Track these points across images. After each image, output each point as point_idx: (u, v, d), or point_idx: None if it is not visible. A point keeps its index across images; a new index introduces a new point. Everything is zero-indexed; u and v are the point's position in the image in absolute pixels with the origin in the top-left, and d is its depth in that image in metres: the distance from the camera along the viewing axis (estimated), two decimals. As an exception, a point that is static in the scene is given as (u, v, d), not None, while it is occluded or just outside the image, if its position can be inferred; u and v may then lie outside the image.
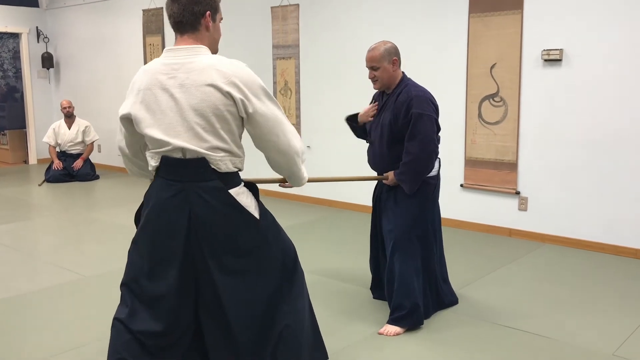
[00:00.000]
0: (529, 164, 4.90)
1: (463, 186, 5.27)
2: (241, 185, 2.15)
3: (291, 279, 2.27)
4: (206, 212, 2.05)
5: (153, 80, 2.05)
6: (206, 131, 2.01)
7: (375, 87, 3.32)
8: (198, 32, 2.10)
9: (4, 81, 9.80)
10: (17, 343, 3.11)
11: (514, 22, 4.81)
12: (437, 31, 5.29)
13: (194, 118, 2.00)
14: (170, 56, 2.06)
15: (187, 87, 2.00)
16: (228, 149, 2.06)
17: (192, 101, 1.99)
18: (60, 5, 9.47)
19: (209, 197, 2.05)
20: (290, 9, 6.34)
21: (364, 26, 5.76)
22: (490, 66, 4.98)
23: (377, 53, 3.22)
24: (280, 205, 6.31)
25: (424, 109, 3.15)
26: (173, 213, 2.07)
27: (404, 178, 3.18)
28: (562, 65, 4.64)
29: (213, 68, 2.00)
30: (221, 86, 1.97)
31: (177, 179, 2.06)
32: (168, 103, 2.02)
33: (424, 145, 3.14)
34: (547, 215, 4.86)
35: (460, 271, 4.12)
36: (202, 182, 2.04)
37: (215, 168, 2.05)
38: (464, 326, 3.25)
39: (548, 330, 3.18)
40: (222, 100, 1.99)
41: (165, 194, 2.08)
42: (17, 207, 6.47)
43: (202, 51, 2.07)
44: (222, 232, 2.08)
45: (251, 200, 2.17)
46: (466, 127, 5.18)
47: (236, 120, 2.04)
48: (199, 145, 2.01)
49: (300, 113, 6.43)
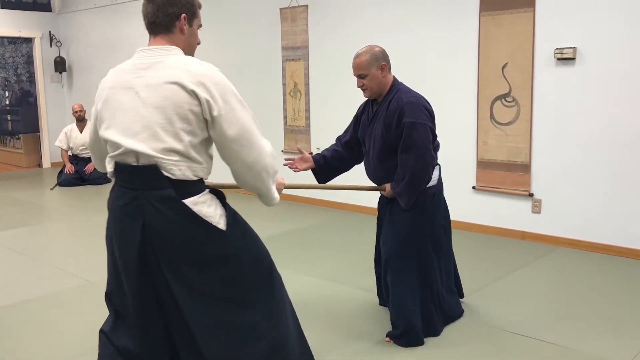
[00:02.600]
0: (543, 165, 4.80)
1: (475, 188, 5.18)
2: (202, 193, 1.99)
3: (269, 290, 2.13)
4: (160, 223, 1.92)
5: (119, 80, 1.99)
6: (165, 131, 1.89)
7: (366, 96, 3.12)
8: (172, 34, 2.02)
9: (18, 85, 9.88)
10: (21, 349, 3.09)
11: (526, 21, 4.71)
12: (448, 30, 5.21)
13: (154, 116, 1.89)
14: (141, 57, 2.00)
15: (152, 86, 1.91)
16: (185, 152, 1.92)
17: (155, 99, 1.89)
18: (72, 10, 9.52)
19: (163, 207, 1.91)
20: (299, 10, 6.29)
21: (373, 27, 5.69)
22: (502, 66, 4.88)
23: (363, 59, 3.01)
24: (286, 208, 6.26)
25: (417, 117, 2.93)
26: (127, 223, 1.96)
27: (399, 192, 3.01)
28: (576, 63, 4.54)
29: (182, 67, 1.91)
30: (186, 84, 1.87)
31: (130, 186, 1.96)
32: (131, 102, 1.93)
33: (420, 157, 2.94)
34: (561, 218, 4.75)
35: (471, 275, 4.03)
36: (155, 190, 1.92)
37: (168, 175, 1.91)
38: (474, 332, 3.17)
39: (560, 338, 3.09)
40: (186, 99, 1.88)
41: (120, 201, 1.99)
42: (29, 211, 6.49)
43: (174, 51, 1.99)
44: (180, 244, 1.94)
45: (215, 210, 2.00)
46: (478, 128, 5.09)
47: (200, 122, 1.92)
48: (154, 146, 1.89)
49: (310, 115, 6.38)
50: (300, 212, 6.11)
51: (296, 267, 4.33)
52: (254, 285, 2.08)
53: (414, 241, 3.06)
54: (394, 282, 3.07)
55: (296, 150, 6.46)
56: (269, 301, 2.11)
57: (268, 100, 6.77)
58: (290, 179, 6.81)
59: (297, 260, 4.51)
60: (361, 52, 3.04)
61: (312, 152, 3.60)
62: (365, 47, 3.07)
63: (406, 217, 3.05)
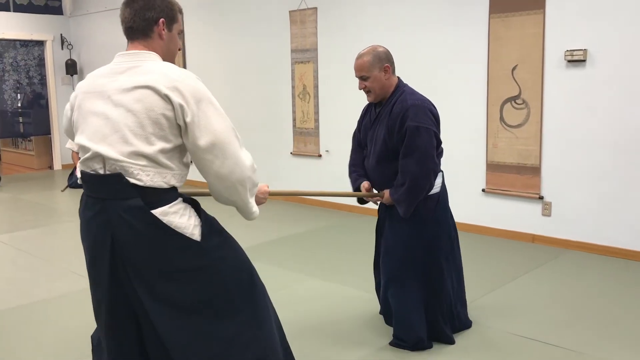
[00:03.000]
0: (553, 168, 4.77)
1: (485, 191, 5.16)
2: (173, 203, 1.88)
3: (251, 302, 2.03)
4: (129, 235, 1.82)
5: (93, 84, 1.93)
6: (135, 134, 1.82)
7: (369, 99, 2.98)
8: (150, 40, 1.96)
9: (30, 88, 9.95)
10: (32, 349, 3.11)
11: (536, 23, 4.69)
12: (457, 33, 5.19)
13: (125, 119, 1.82)
14: (118, 61, 1.94)
15: (125, 89, 1.84)
16: (154, 158, 1.82)
17: (126, 102, 1.83)
18: (83, 13, 9.58)
19: (130, 217, 1.81)
20: (309, 13, 6.29)
21: (382, 29, 5.68)
22: (511, 68, 4.86)
23: (365, 60, 2.87)
24: (295, 211, 6.27)
25: (421, 121, 2.78)
26: (97, 235, 1.88)
27: (398, 199, 2.86)
28: (586, 66, 4.51)
29: (158, 72, 1.85)
30: (160, 88, 1.80)
31: (97, 195, 1.87)
32: (102, 106, 1.87)
33: (422, 163, 2.79)
34: (571, 221, 4.72)
35: (481, 278, 4.01)
36: (122, 200, 1.82)
37: (135, 182, 1.82)
38: (483, 336, 3.15)
39: (571, 342, 3.07)
40: (158, 103, 1.81)
41: (89, 212, 1.91)
42: (40, 213, 6.54)
43: (151, 57, 1.93)
44: (151, 258, 1.85)
45: (188, 220, 1.90)
46: (487, 131, 5.07)
47: (173, 128, 1.84)
48: (121, 150, 1.81)
49: (319, 117, 6.38)
50: (310, 215, 6.11)
51: (302, 269, 4.33)
52: (234, 296, 1.98)
53: (417, 252, 2.94)
54: (398, 299, 2.96)
55: (306, 153, 6.47)
56: (250, 312, 2.02)
57: (277, 103, 6.78)
58: (293, 182, 6.78)
59: (305, 263, 4.50)
60: (363, 53, 2.92)
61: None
62: (368, 48, 2.95)
63: (407, 227, 2.92)
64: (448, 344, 3.03)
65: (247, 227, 5.50)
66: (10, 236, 5.51)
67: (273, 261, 4.55)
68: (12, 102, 9.85)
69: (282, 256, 4.71)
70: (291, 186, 6.55)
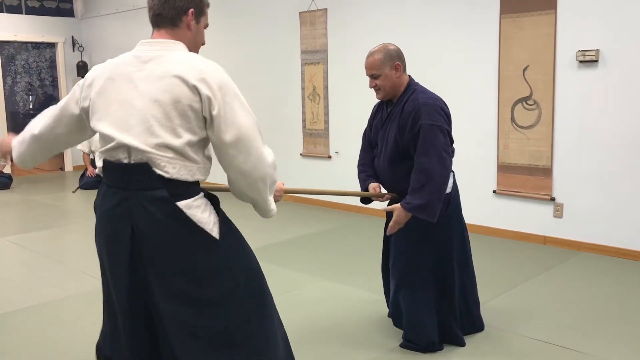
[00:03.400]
0: (564, 169, 4.73)
1: (496, 192, 5.13)
2: (197, 197, 1.86)
3: (260, 309, 1.98)
4: (150, 226, 1.79)
5: (118, 71, 1.88)
6: (161, 125, 1.78)
7: (379, 97, 2.94)
8: (178, 29, 1.92)
9: (42, 90, 10.02)
10: (43, 350, 3.12)
11: (548, 23, 4.66)
12: (468, 33, 5.17)
13: (151, 110, 1.78)
14: (142, 49, 1.90)
15: (152, 79, 1.80)
16: (181, 150, 1.80)
17: (153, 92, 1.79)
18: (94, 15, 9.64)
19: (154, 208, 1.78)
20: (319, 14, 6.29)
21: (393, 30, 5.67)
22: (523, 68, 4.83)
23: (376, 58, 2.84)
24: (306, 212, 6.26)
25: (435, 120, 2.72)
26: (116, 227, 1.85)
27: (421, 205, 2.70)
28: (599, 66, 4.47)
29: (186, 63, 1.81)
30: (188, 79, 1.77)
31: (120, 186, 1.83)
32: (127, 95, 1.83)
33: (443, 161, 2.71)
34: (583, 222, 4.68)
35: (492, 280, 3.99)
36: (147, 190, 1.79)
37: (161, 173, 1.79)
38: (494, 338, 3.13)
39: (583, 345, 3.04)
40: (186, 94, 1.77)
41: (108, 203, 1.86)
42: (51, 214, 6.57)
43: (179, 47, 1.89)
44: (169, 251, 1.82)
45: (209, 215, 1.87)
46: (498, 132, 5.04)
47: (199, 120, 1.81)
48: (147, 141, 1.78)
49: (329, 118, 6.37)
50: (319, 216, 6.10)
51: (312, 270, 4.32)
52: (244, 301, 1.94)
53: (428, 255, 2.90)
54: (409, 301, 2.93)
55: (316, 154, 6.46)
56: (258, 319, 1.97)
57: (287, 104, 6.78)
58: (303, 183, 6.78)
59: (314, 264, 4.50)
60: (374, 51, 2.88)
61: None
62: (379, 45, 2.91)
63: (417, 229, 2.85)
64: (459, 345, 3.01)
65: (256, 228, 5.51)
66: (21, 237, 5.55)
67: (282, 262, 4.54)
68: (24, 103, 9.92)
69: (292, 257, 4.71)
70: (301, 187, 6.54)
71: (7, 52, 9.47)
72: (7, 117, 9.47)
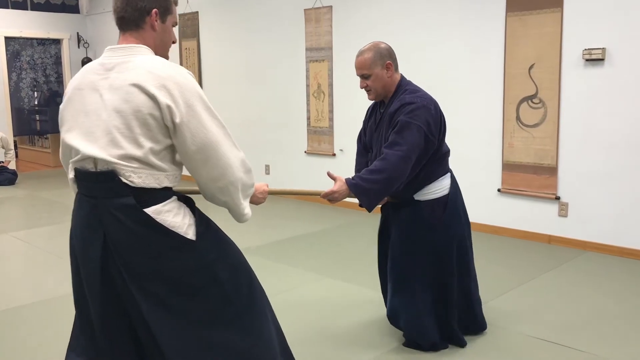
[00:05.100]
0: (570, 168, 4.71)
1: (500, 191, 5.11)
2: (167, 201, 1.82)
3: (250, 306, 1.95)
4: (120, 234, 1.77)
5: (85, 80, 1.85)
6: (124, 137, 1.74)
7: (370, 98, 2.85)
8: (142, 31, 1.87)
9: (47, 86, 10.03)
10: (46, 346, 3.13)
11: (554, 21, 4.63)
12: (473, 31, 5.15)
13: (114, 121, 1.75)
14: (108, 56, 1.85)
15: (114, 88, 1.76)
16: (145, 159, 1.76)
17: (115, 102, 1.75)
18: (99, 12, 9.65)
19: (122, 216, 1.76)
20: (324, 11, 6.27)
21: (398, 27, 5.65)
22: (528, 66, 4.80)
23: (366, 57, 2.74)
24: (315, 209, 6.25)
25: (414, 118, 2.62)
26: (88, 235, 1.82)
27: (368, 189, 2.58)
28: (605, 65, 4.45)
29: (147, 69, 1.76)
30: (147, 87, 1.72)
31: (90, 194, 1.81)
32: (94, 105, 1.79)
33: (406, 161, 2.59)
34: (588, 222, 4.66)
35: (496, 279, 3.97)
36: (114, 198, 1.76)
37: (127, 182, 1.76)
38: (498, 338, 3.11)
39: (587, 345, 3.02)
40: (145, 103, 1.72)
41: (81, 212, 1.85)
42: (55, 210, 6.58)
43: (142, 51, 1.84)
44: (143, 257, 1.79)
45: (183, 218, 1.84)
46: (503, 130, 5.02)
47: (161, 128, 1.75)
48: (112, 153, 1.75)
49: (333, 116, 6.36)
50: (324, 213, 6.09)
51: (316, 268, 4.32)
52: (232, 301, 1.90)
53: (425, 259, 2.85)
54: (407, 305, 2.88)
55: (321, 152, 6.44)
56: (249, 318, 1.94)
57: (291, 101, 6.77)
58: (307, 180, 6.76)
59: (318, 262, 4.49)
60: (364, 49, 2.79)
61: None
62: (370, 44, 2.81)
63: (414, 234, 2.83)
64: (459, 346, 2.98)
65: (259, 225, 5.51)
66: (25, 233, 5.56)
67: (286, 260, 4.54)
68: (29, 100, 9.94)
69: (295, 255, 4.70)
70: (305, 185, 6.53)
71: (13, 48, 9.48)
72: (12, 113, 9.50)
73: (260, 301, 2.01)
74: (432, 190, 2.84)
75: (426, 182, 2.83)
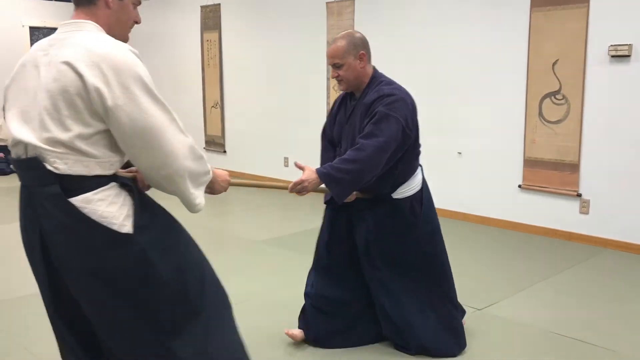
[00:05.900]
0: (592, 165, 4.68)
1: (521, 187, 5.09)
2: (100, 189, 1.63)
3: (201, 308, 1.77)
4: (51, 225, 1.62)
5: (30, 57, 1.71)
6: (52, 118, 1.59)
7: (341, 89, 2.73)
8: (95, 7, 1.72)
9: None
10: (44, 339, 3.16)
11: (579, 17, 4.59)
12: (497, 26, 5.12)
13: (43, 101, 1.60)
14: (58, 31, 1.72)
15: (50, 65, 1.62)
16: (70, 144, 1.59)
17: (47, 81, 1.61)
18: (122, 2, 9.70)
19: (50, 206, 1.61)
20: (346, 5, 6.27)
21: (420, 21, 5.63)
22: (552, 62, 4.77)
23: (339, 46, 2.61)
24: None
25: (393, 110, 2.52)
26: (27, 225, 1.71)
27: (340, 179, 2.44)
28: (631, 61, 4.40)
29: (84, 46, 1.61)
30: (77, 66, 1.56)
31: (24, 183, 1.69)
32: (32, 82, 1.65)
33: (381, 152, 2.47)
34: (609, 219, 4.63)
35: (516, 275, 3.97)
36: (41, 187, 1.61)
37: (51, 169, 1.59)
38: (518, 334, 3.12)
39: (608, 342, 3.02)
40: (73, 82, 1.57)
41: (21, 204, 1.74)
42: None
43: (87, 27, 1.69)
44: (72, 251, 1.63)
45: (119, 208, 1.65)
46: (526, 126, 4.99)
47: (90, 112, 1.58)
48: (41, 136, 1.60)
49: (354, 109, 6.36)
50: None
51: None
52: (177, 301, 1.73)
53: (414, 257, 2.76)
54: (396, 308, 2.76)
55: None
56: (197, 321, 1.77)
57: (312, 95, 6.78)
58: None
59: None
60: (338, 38, 2.67)
61: None
62: (344, 33, 2.71)
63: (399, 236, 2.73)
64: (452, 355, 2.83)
65: (282, 216, 5.53)
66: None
67: (306, 251, 4.55)
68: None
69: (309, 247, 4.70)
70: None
71: (37, 38, 9.58)
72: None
73: (218, 305, 1.84)
74: (410, 187, 2.75)
75: (406, 178, 2.73)
